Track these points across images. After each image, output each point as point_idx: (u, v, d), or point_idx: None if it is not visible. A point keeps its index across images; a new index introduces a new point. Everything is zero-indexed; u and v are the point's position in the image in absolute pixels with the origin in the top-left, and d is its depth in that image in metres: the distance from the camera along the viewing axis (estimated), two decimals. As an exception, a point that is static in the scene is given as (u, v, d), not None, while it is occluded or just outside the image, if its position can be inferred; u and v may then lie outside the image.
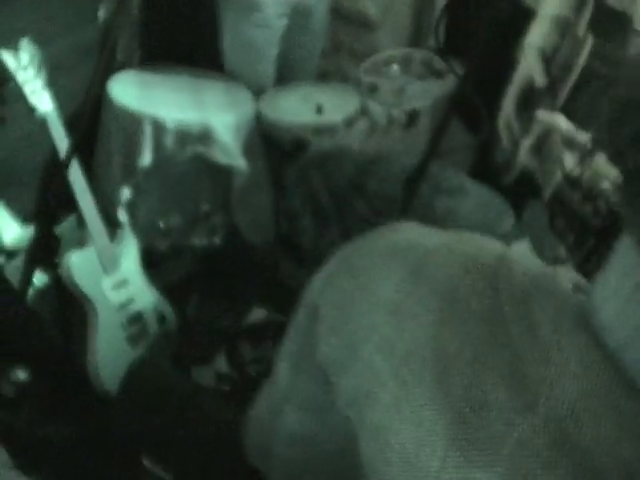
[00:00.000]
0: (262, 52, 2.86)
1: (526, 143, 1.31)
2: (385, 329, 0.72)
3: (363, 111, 2.81)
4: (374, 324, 0.72)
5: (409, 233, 0.78)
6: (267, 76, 2.93)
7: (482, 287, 0.70)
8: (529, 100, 1.60)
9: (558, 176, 1.05)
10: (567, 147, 1.22)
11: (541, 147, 1.28)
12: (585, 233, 0.95)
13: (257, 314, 2.95)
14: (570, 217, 0.98)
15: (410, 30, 3.29)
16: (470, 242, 0.77)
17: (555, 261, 1.33)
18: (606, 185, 0.95)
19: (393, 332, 0.71)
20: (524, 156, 1.31)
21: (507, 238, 2.34)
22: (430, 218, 2.24)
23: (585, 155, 1.05)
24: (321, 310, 0.77)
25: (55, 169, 2.00)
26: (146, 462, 2.11)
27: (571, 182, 0.99)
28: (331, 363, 0.76)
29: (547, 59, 1.63)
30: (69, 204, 2.31)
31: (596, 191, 0.95)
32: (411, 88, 2.87)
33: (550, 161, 1.16)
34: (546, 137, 1.27)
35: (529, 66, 1.62)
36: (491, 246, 0.77)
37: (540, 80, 1.55)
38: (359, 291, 0.75)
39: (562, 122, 1.26)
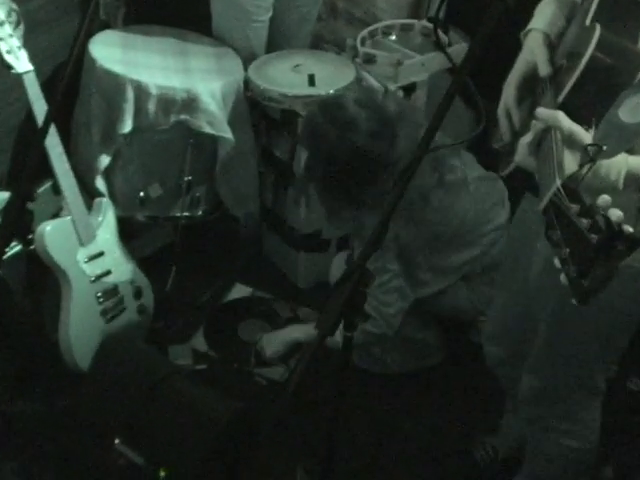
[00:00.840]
0: (253, 16, 2.82)
1: (524, 141, 1.31)
2: None
3: (358, 83, 2.78)
4: None
5: None
6: (258, 42, 2.90)
7: None
8: (531, 89, 1.60)
9: (556, 183, 1.05)
10: (568, 147, 1.23)
11: (539, 147, 1.28)
12: (581, 248, 0.95)
13: (239, 291, 2.96)
14: (566, 229, 0.98)
15: (410, -2, 3.27)
16: None
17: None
18: (605, 199, 0.95)
19: None
20: (521, 155, 1.30)
21: (500, 231, 2.35)
22: (422, 210, 2.27)
23: (586, 159, 1.06)
24: None
25: (31, 135, 1.98)
26: (118, 444, 2.13)
27: (569, 192, 1.00)
28: None
29: (552, 46, 1.62)
30: (45, 171, 2.30)
31: (595, 206, 0.95)
32: (409, 61, 2.85)
33: (548, 164, 1.16)
34: (545, 136, 1.27)
35: (532, 52, 1.61)
36: None
37: (544, 69, 1.55)
38: None
39: (563, 119, 1.26)
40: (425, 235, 2.37)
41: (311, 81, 2.73)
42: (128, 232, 2.75)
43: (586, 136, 1.21)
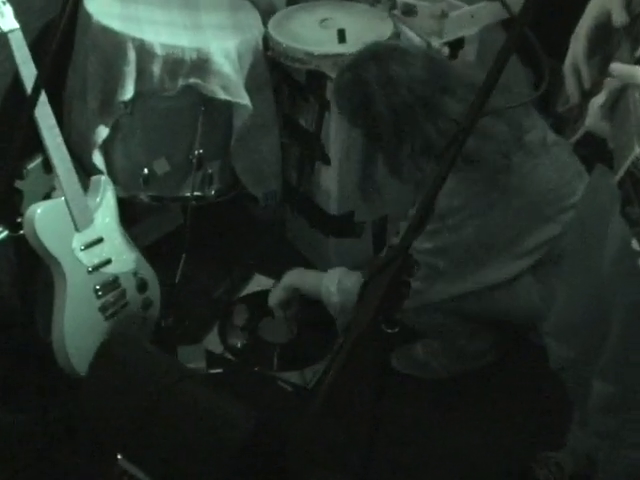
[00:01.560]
0: (273, -38, 2.84)
1: (596, 102, 1.29)
2: None
3: (396, 39, 2.75)
4: None
5: None
6: (279, -8, 2.91)
7: None
8: (604, 41, 1.57)
9: (635, 151, 1.03)
10: (649, 109, 1.20)
11: (614, 109, 1.26)
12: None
13: (259, 282, 2.96)
14: (646, 205, 0.97)
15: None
16: None
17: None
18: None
19: None
20: (592, 119, 1.28)
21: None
22: (507, 175, 2.26)
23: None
24: None
25: (18, 103, 1.99)
26: (121, 459, 2.14)
27: (651, 161, 0.98)
28: None
29: (629, -10, 1.60)
30: (35, 145, 2.31)
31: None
32: (456, 12, 2.83)
33: (625, 129, 1.14)
34: (621, 96, 1.25)
35: (605, -3, 1.59)
36: None
37: (618, 18, 1.52)
38: None
39: (643, 76, 1.23)
40: (502, 207, 2.33)
41: (341, 37, 2.72)
42: (130, 215, 2.77)
43: (670, 96, 1.19)
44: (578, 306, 1.99)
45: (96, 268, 2.48)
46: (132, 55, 2.58)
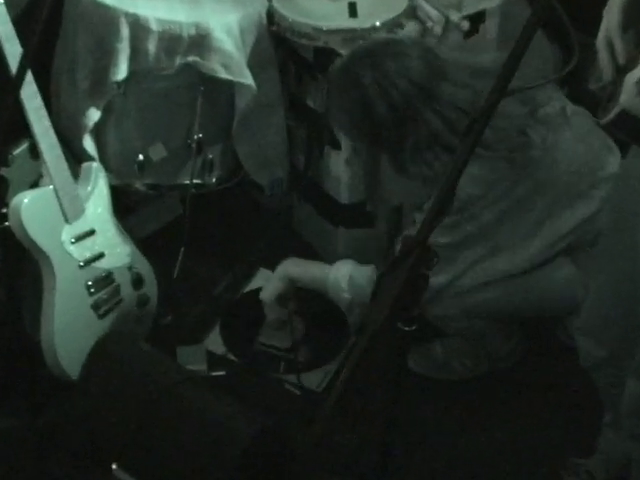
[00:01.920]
0: None
1: (631, 78, 1.29)
2: None
3: (412, 13, 2.76)
4: None
5: None
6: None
7: None
8: (639, 13, 1.56)
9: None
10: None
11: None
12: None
13: (264, 277, 2.96)
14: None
15: None
16: None
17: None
18: None
19: None
20: (628, 96, 1.28)
21: (610, 182, 2.32)
22: (523, 151, 2.26)
23: None
24: None
25: (2, 84, 1.99)
26: (116, 469, 2.13)
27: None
28: None
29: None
30: (20, 129, 2.31)
31: None
32: (476, -16, 2.83)
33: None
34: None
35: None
36: None
37: (655, -14, 1.52)
38: None
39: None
40: (525, 186, 2.33)
41: (352, 11, 2.72)
42: (125, 205, 2.76)
43: None
44: (611, 297, 1.99)
45: (88, 262, 2.47)
46: (125, 31, 2.57)
